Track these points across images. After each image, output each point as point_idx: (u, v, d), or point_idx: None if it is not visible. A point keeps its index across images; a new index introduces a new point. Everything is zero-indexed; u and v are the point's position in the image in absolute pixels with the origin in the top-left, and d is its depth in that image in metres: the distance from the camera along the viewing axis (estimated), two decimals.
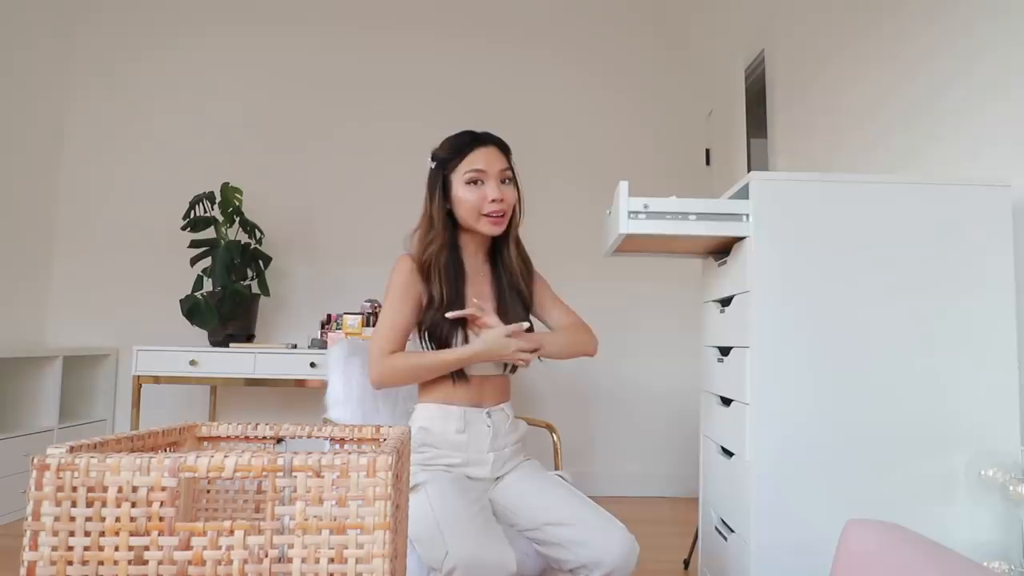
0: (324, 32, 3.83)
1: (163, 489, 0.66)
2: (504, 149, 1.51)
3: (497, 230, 1.47)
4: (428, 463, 1.41)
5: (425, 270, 1.46)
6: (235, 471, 0.66)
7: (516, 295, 1.53)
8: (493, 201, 1.44)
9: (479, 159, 1.45)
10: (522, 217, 1.55)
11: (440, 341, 1.44)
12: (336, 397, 1.63)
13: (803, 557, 1.25)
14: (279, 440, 1.01)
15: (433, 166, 1.50)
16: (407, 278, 1.46)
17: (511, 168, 1.50)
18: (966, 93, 1.57)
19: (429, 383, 1.47)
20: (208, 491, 0.99)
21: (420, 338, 1.49)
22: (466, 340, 1.44)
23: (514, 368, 1.52)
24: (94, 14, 3.80)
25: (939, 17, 1.68)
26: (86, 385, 3.59)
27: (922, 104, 1.74)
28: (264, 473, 0.67)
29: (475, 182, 1.44)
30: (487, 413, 1.46)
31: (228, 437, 1.01)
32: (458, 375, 1.44)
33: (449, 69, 3.83)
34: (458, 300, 1.46)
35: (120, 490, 0.67)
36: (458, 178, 1.46)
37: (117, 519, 0.67)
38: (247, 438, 1.00)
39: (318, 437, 1.00)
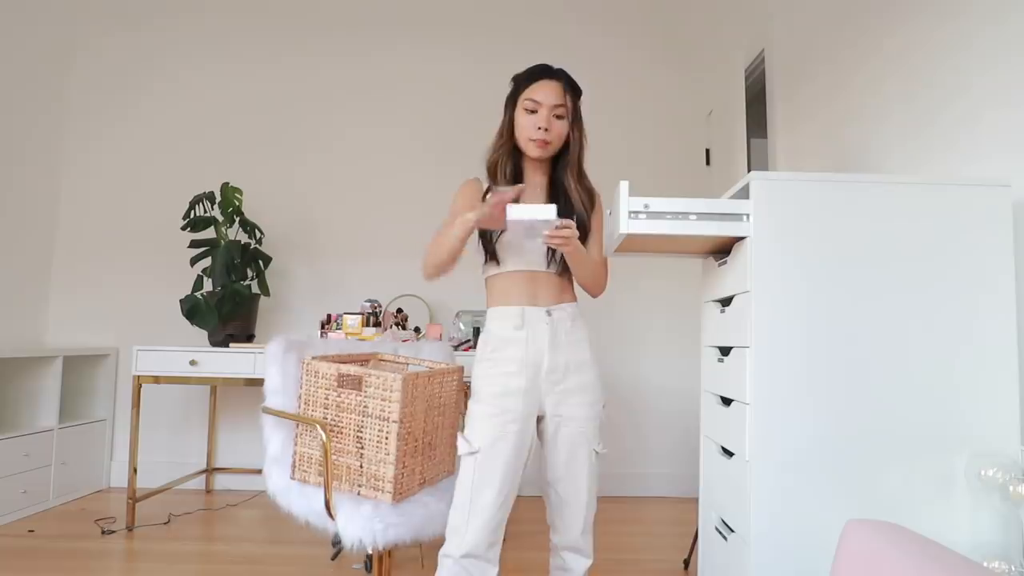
0: (324, 35, 3.83)
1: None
2: (569, 87, 1.64)
3: (539, 153, 1.63)
4: (486, 374, 1.56)
5: (492, 171, 1.68)
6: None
7: (570, 217, 1.61)
8: (539, 128, 1.61)
9: (539, 91, 1.62)
10: (584, 153, 1.70)
11: (483, 228, 1.58)
12: (274, 387, 1.74)
13: (803, 557, 1.26)
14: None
15: (511, 88, 1.71)
16: (470, 194, 1.67)
17: (567, 107, 1.63)
18: (966, 93, 1.57)
19: (490, 289, 1.66)
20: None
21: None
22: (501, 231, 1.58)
23: (564, 267, 1.61)
24: (95, 15, 3.80)
25: (940, 19, 1.68)
26: (86, 385, 3.59)
27: (922, 104, 1.74)
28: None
29: (532, 111, 1.62)
30: (547, 311, 1.58)
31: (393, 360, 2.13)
32: (505, 270, 1.61)
33: (447, 71, 3.83)
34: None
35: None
36: (520, 104, 1.64)
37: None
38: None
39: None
